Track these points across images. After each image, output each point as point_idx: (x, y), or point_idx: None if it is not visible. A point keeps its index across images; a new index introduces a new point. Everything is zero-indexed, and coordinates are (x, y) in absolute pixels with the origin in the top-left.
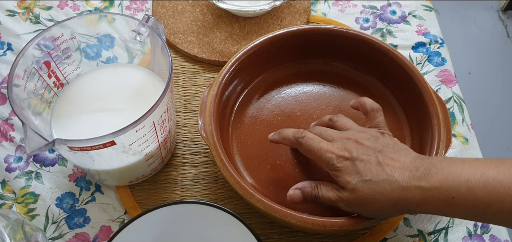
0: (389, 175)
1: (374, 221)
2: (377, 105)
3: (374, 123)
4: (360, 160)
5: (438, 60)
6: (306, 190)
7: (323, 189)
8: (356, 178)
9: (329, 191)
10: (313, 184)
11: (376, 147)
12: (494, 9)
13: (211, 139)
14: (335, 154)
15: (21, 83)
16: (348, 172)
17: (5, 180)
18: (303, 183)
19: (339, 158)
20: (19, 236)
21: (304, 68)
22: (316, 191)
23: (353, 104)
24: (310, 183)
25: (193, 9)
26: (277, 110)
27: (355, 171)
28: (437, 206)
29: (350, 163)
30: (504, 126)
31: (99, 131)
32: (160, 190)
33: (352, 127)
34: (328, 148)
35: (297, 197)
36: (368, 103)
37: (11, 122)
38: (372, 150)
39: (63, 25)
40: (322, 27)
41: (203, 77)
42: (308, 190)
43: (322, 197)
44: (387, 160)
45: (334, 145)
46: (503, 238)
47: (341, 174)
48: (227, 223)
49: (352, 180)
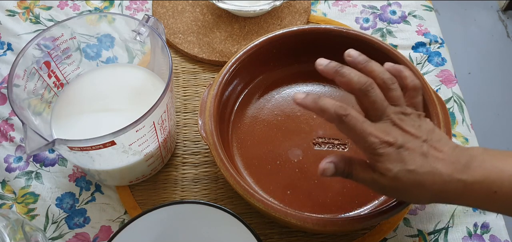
0: (433, 167)
1: (376, 220)
2: (418, 83)
3: (412, 101)
4: (405, 148)
5: (438, 60)
6: (339, 165)
7: (358, 168)
8: (398, 166)
9: (364, 171)
10: (346, 159)
11: (421, 136)
12: (494, 9)
13: (211, 139)
14: (379, 138)
15: (21, 83)
16: (390, 160)
17: (5, 180)
18: (337, 157)
19: (382, 143)
20: (19, 236)
21: (304, 68)
22: (350, 168)
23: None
24: (344, 158)
25: (193, 9)
26: (277, 110)
27: (398, 159)
28: (477, 200)
29: (394, 150)
30: (504, 126)
31: (99, 131)
32: (160, 190)
33: (402, 104)
34: (371, 130)
35: (330, 171)
36: (410, 79)
37: (11, 122)
38: (417, 139)
39: (63, 25)
40: (322, 27)
41: (203, 77)
42: (341, 165)
43: (356, 175)
44: (432, 150)
45: (378, 127)
46: (503, 238)
47: (383, 159)
48: (227, 223)
49: (394, 167)
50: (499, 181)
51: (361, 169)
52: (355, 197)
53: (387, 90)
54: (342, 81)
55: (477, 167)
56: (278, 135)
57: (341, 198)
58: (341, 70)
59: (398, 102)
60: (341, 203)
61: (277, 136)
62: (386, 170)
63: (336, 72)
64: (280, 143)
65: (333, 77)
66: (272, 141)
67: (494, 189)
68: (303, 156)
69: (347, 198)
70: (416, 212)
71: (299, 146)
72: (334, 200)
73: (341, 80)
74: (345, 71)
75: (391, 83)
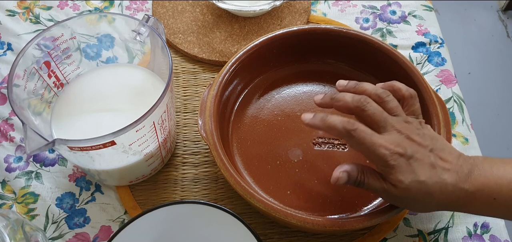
0: (441, 178)
1: (376, 220)
2: (413, 91)
3: (411, 110)
4: (415, 159)
5: (438, 60)
6: (353, 174)
7: (370, 177)
8: (410, 177)
9: (376, 181)
10: (359, 168)
11: (427, 145)
12: (494, 9)
13: (211, 139)
14: (389, 150)
15: (21, 83)
16: (402, 171)
17: (5, 180)
18: (351, 166)
19: (393, 154)
20: (19, 236)
21: (304, 68)
22: (363, 177)
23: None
24: (357, 167)
25: (193, 9)
26: (277, 110)
27: (409, 170)
28: (478, 207)
29: (404, 161)
30: (504, 126)
31: (99, 131)
32: (160, 190)
33: (400, 113)
34: (381, 142)
35: (343, 180)
36: (404, 89)
37: (11, 122)
38: (424, 148)
39: (63, 25)
40: (322, 27)
41: (203, 77)
42: (354, 174)
43: (367, 184)
44: (438, 160)
45: (387, 138)
46: (503, 238)
47: (394, 171)
48: (227, 223)
49: (405, 179)
50: (498, 188)
51: (373, 179)
52: (355, 197)
53: (384, 104)
54: (339, 106)
55: (477, 175)
56: (278, 135)
57: (341, 198)
58: (336, 96)
59: (396, 112)
60: (341, 203)
61: (277, 136)
62: (398, 182)
63: (332, 99)
64: (280, 143)
65: (331, 106)
66: (272, 141)
67: (494, 196)
68: (303, 156)
69: (347, 198)
70: (416, 212)
71: (299, 146)
72: (334, 200)
73: (338, 104)
74: (340, 96)
75: (385, 96)
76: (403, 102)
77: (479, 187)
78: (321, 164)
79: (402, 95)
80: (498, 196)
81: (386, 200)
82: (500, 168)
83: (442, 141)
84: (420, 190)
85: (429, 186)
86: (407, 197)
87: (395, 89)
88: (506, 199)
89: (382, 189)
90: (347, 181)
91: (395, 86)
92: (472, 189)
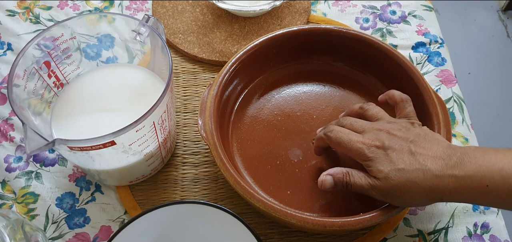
0: (422, 164)
1: (376, 220)
2: (406, 96)
3: (404, 113)
4: (392, 149)
5: (438, 60)
6: (338, 177)
7: (355, 177)
8: (389, 167)
9: (361, 178)
10: (344, 171)
11: (408, 137)
12: (494, 9)
13: (211, 139)
14: (366, 144)
15: (21, 83)
16: (380, 161)
17: (5, 180)
18: (335, 169)
19: (370, 147)
20: (19, 236)
21: (304, 68)
22: (348, 178)
23: (381, 98)
24: (342, 170)
25: (193, 9)
26: (277, 110)
27: (387, 160)
28: (471, 195)
29: (382, 152)
30: (504, 126)
31: (99, 131)
32: (160, 190)
33: (383, 116)
34: (358, 139)
35: (328, 184)
36: (397, 94)
37: (11, 122)
38: (404, 140)
39: (63, 25)
40: (322, 27)
41: (203, 77)
42: (340, 176)
43: (353, 184)
44: (420, 149)
45: (365, 136)
46: (503, 238)
47: (373, 163)
48: (227, 223)
49: (384, 168)
50: (490, 174)
51: (358, 178)
52: (355, 197)
53: (364, 115)
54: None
55: (468, 162)
56: (278, 135)
57: (341, 198)
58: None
59: (378, 117)
60: (341, 203)
61: (277, 136)
62: (378, 172)
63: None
64: (280, 143)
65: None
66: (272, 141)
67: (486, 183)
68: (303, 156)
69: (347, 198)
70: (416, 212)
71: (299, 146)
72: (334, 200)
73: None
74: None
75: (366, 107)
76: (397, 107)
77: (469, 173)
78: (321, 164)
79: (395, 100)
80: (490, 183)
81: (375, 196)
82: (492, 155)
83: (431, 135)
84: (402, 177)
85: (410, 172)
86: (392, 188)
87: (390, 96)
88: (499, 186)
89: (368, 185)
90: (334, 184)
91: (389, 93)
92: (462, 174)
